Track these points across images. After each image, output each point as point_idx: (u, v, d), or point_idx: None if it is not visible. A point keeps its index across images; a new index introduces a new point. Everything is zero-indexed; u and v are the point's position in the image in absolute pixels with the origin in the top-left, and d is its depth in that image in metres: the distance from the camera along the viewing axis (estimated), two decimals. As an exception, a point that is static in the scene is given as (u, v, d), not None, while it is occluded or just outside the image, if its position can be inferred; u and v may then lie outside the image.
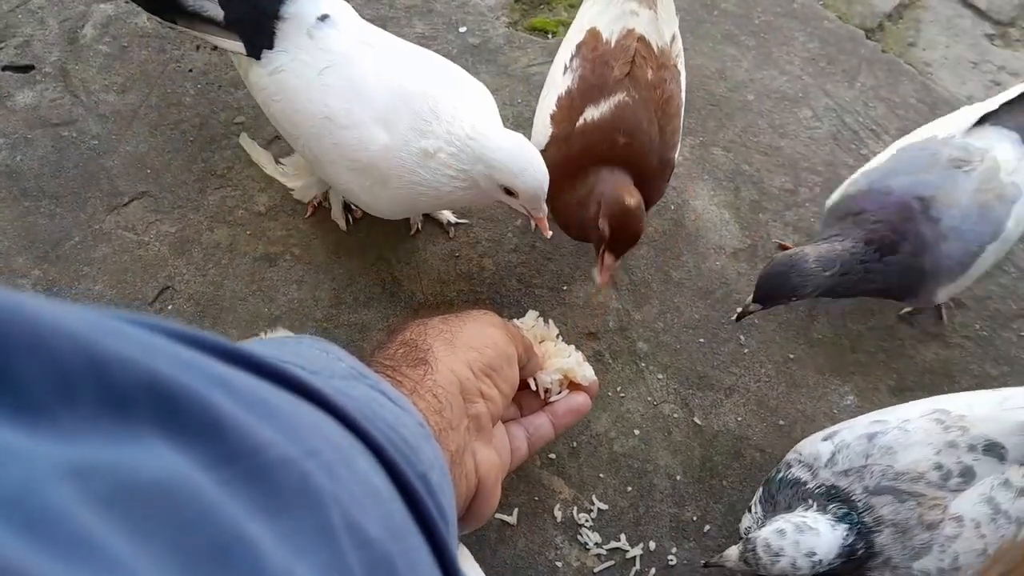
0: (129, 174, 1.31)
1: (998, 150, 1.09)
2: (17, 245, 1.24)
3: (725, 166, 1.39)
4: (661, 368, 1.20)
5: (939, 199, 1.05)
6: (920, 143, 1.13)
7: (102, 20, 1.47)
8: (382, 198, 1.09)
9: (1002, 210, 1.07)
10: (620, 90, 1.08)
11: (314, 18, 1.07)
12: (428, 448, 0.46)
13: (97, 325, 0.25)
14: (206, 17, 1.09)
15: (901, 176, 1.09)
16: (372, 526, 0.32)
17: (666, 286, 1.26)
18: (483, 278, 1.25)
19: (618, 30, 1.11)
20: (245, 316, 1.20)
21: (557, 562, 1.05)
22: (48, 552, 0.18)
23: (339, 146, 1.06)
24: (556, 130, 1.10)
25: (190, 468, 0.25)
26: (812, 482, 0.91)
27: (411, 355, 0.63)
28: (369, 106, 1.04)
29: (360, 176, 1.07)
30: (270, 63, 1.08)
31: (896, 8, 1.64)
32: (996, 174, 1.07)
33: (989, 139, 1.11)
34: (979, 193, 1.06)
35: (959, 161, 1.08)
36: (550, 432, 0.84)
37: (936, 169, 1.08)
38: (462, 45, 1.49)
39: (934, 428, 0.90)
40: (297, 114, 1.08)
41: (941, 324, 1.26)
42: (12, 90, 1.38)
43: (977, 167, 1.07)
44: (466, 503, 0.64)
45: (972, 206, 1.06)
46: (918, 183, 1.07)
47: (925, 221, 1.05)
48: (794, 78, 1.51)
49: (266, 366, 0.34)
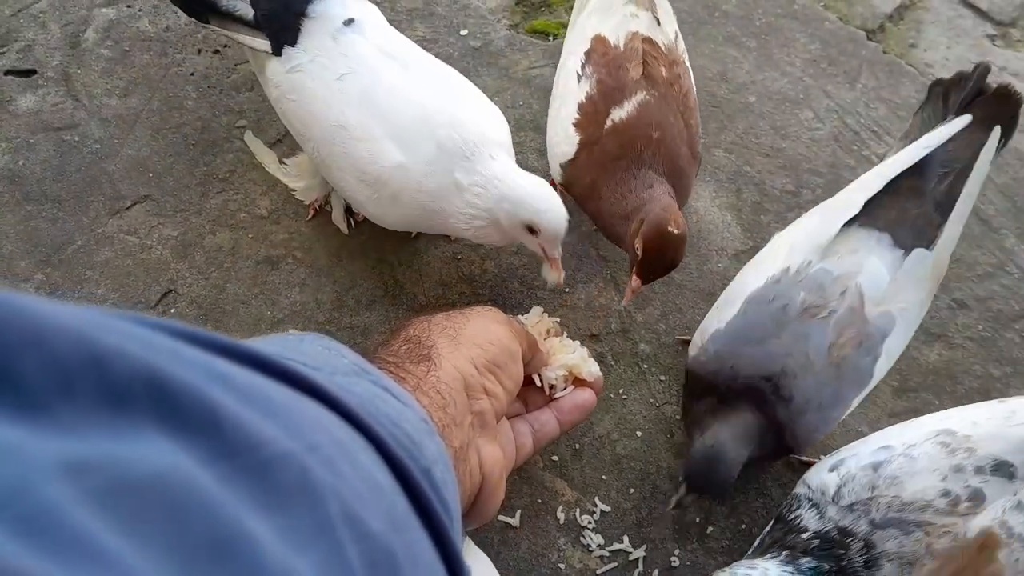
0: (131, 178, 1.32)
1: (867, 270, 0.97)
2: (20, 249, 1.24)
3: (727, 168, 1.39)
4: (663, 370, 1.19)
5: (789, 371, 0.95)
6: (768, 291, 0.99)
7: (104, 24, 1.47)
8: (390, 212, 1.10)
9: (866, 359, 0.97)
10: (640, 90, 1.08)
11: (340, 21, 1.08)
12: (431, 444, 0.46)
13: (97, 322, 0.25)
14: (237, 16, 1.11)
15: (747, 346, 0.98)
16: (373, 520, 0.32)
17: (668, 288, 1.26)
18: (485, 280, 1.25)
19: (623, 34, 1.12)
20: (247, 319, 1.20)
21: (560, 564, 1.05)
22: (43, 551, 0.18)
23: (350, 156, 1.07)
24: (584, 136, 1.09)
25: (189, 463, 0.25)
26: (815, 525, 0.89)
27: (415, 351, 0.63)
28: (386, 122, 1.04)
29: (368, 188, 1.08)
30: (289, 60, 1.09)
31: (897, 9, 1.64)
32: (856, 313, 0.96)
33: (858, 253, 0.99)
34: (836, 349, 0.95)
35: (813, 309, 0.96)
36: (555, 429, 0.83)
37: (787, 328, 0.96)
38: (463, 48, 1.49)
39: (939, 453, 0.87)
40: (311, 117, 1.09)
41: (944, 324, 1.25)
42: (14, 94, 1.38)
43: (837, 307, 0.96)
44: (470, 499, 0.64)
45: (828, 368, 0.95)
46: (765, 358, 0.96)
47: (778, 402, 0.96)
48: (795, 79, 1.51)
49: (267, 362, 0.34)
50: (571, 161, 1.10)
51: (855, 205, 1.01)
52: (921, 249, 0.98)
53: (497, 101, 1.41)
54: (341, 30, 1.08)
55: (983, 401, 1.00)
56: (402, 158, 1.04)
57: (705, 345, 1.01)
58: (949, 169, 1.01)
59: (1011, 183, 1.42)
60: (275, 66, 1.10)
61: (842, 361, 0.96)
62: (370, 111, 1.05)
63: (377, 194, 1.08)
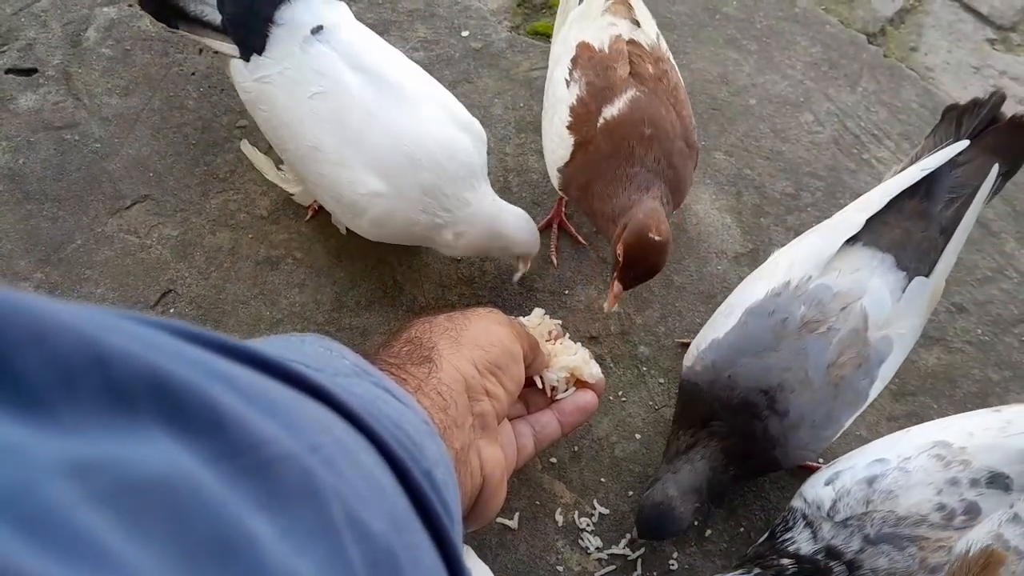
0: (131, 177, 1.32)
1: (872, 292, 0.97)
2: (19, 248, 1.24)
3: (727, 170, 1.39)
4: (663, 372, 1.19)
5: (787, 386, 0.95)
6: (768, 303, 0.99)
7: (105, 23, 1.47)
8: (369, 233, 1.13)
9: (863, 381, 0.97)
10: (629, 87, 1.08)
11: (308, 29, 1.06)
12: (433, 445, 0.46)
13: (99, 321, 0.25)
14: (205, 21, 1.10)
15: (745, 357, 0.97)
16: (375, 521, 0.32)
17: (667, 290, 1.26)
18: (485, 282, 1.25)
19: (607, 38, 1.13)
20: (247, 320, 1.20)
21: (558, 566, 1.05)
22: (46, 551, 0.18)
23: (325, 177, 1.07)
24: (578, 137, 1.09)
25: (191, 463, 0.25)
26: (806, 548, 0.89)
27: (416, 353, 0.63)
28: (362, 151, 1.05)
29: (345, 209, 1.09)
30: (257, 69, 1.07)
31: (898, 13, 1.65)
32: (859, 335, 0.96)
33: (859, 272, 0.98)
34: (834, 368, 0.95)
35: (812, 324, 0.96)
36: (557, 430, 0.83)
37: (785, 342, 0.96)
38: (464, 49, 1.49)
39: (934, 466, 0.87)
40: (284, 129, 1.09)
41: (943, 328, 1.26)
42: (15, 93, 1.38)
43: (838, 325, 0.95)
44: (471, 501, 0.64)
45: (826, 386, 0.95)
46: (763, 371, 0.96)
47: (772, 416, 0.96)
48: (796, 83, 1.51)
49: (269, 363, 0.34)
50: (567, 164, 1.11)
51: (857, 224, 1.01)
52: (921, 278, 0.98)
53: (498, 102, 1.42)
54: (309, 40, 1.05)
55: (981, 407, 1.01)
56: (381, 187, 1.04)
57: (702, 355, 1.01)
58: (956, 195, 1.01)
59: (1011, 187, 1.41)
60: (243, 72, 1.09)
61: (840, 381, 0.95)
62: (345, 137, 1.05)
63: (352, 214, 1.09)
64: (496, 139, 1.38)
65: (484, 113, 1.41)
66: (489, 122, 1.39)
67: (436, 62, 1.47)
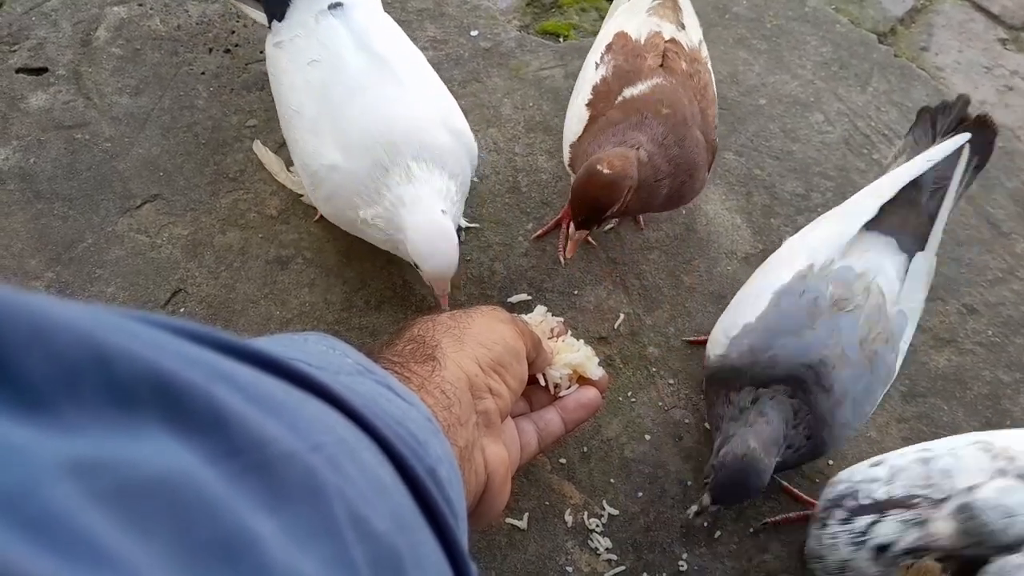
0: (141, 177, 1.32)
1: (882, 273, 1.01)
2: (30, 247, 1.24)
3: (737, 171, 1.39)
4: (672, 373, 1.19)
5: (828, 362, 0.96)
6: (797, 284, 1.01)
7: (115, 23, 1.48)
8: (324, 210, 1.15)
9: (891, 356, 1.00)
10: (656, 75, 1.08)
11: (327, 3, 1.11)
12: (436, 443, 0.46)
13: (101, 321, 0.25)
14: None
15: (783, 336, 0.98)
16: (378, 520, 0.32)
17: (677, 291, 1.26)
18: (494, 282, 1.25)
19: (645, 31, 1.13)
20: (257, 319, 1.20)
21: (568, 567, 1.04)
22: (51, 551, 0.18)
23: (298, 144, 1.10)
24: (593, 112, 1.09)
25: (194, 462, 0.25)
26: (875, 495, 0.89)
27: (419, 351, 0.63)
28: (335, 124, 1.06)
29: (308, 179, 1.11)
30: (276, 34, 1.14)
31: (908, 12, 1.64)
32: (882, 311, 0.99)
33: (870, 256, 1.03)
34: (867, 344, 0.98)
35: (842, 301, 0.98)
36: (560, 427, 0.83)
37: (820, 320, 0.98)
38: (473, 49, 1.49)
39: (983, 456, 0.88)
40: (280, 91, 1.14)
41: (954, 329, 1.25)
42: (26, 92, 1.39)
43: (862, 303, 0.99)
44: (475, 499, 0.64)
45: (862, 362, 0.97)
46: (804, 348, 0.97)
47: (819, 392, 0.97)
48: (806, 82, 1.51)
49: (271, 361, 0.34)
50: (579, 139, 1.10)
51: (871, 209, 1.05)
52: (922, 253, 1.04)
53: (507, 102, 1.42)
54: (324, 13, 1.10)
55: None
56: (338, 160, 1.05)
57: (735, 341, 1.01)
58: (939, 186, 1.08)
59: (1021, 187, 1.41)
60: (268, 38, 1.16)
61: (874, 356, 0.98)
62: (326, 107, 1.07)
63: (313, 186, 1.11)
64: (505, 139, 1.38)
65: (493, 113, 1.41)
66: (498, 122, 1.39)
67: (445, 61, 1.47)
